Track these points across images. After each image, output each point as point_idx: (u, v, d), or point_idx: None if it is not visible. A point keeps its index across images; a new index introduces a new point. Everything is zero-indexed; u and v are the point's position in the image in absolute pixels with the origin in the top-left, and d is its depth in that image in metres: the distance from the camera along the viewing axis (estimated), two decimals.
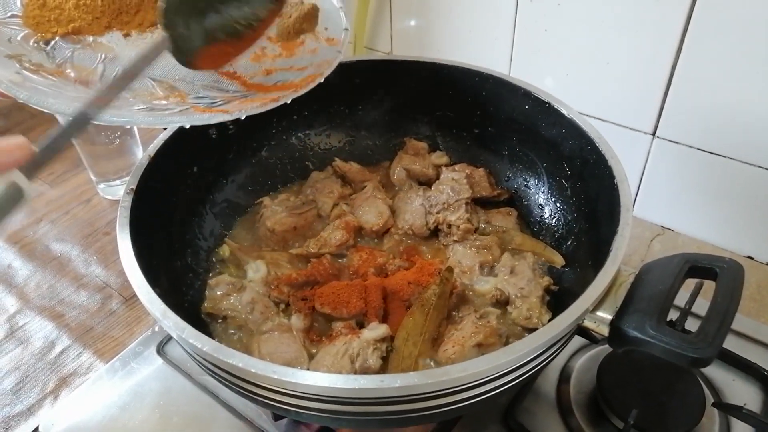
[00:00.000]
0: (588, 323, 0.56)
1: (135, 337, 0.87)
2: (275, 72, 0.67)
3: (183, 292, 0.73)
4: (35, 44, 0.63)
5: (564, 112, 0.76)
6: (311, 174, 0.90)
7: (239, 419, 0.73)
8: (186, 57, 0.60)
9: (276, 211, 0.81)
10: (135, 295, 0.57)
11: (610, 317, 0.55)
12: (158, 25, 0.64)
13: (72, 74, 0.60)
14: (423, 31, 1.09)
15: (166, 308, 0.55)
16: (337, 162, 0.90)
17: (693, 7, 0.79)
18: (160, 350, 0.82)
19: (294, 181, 0.92)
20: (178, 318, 0.54)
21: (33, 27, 0.64)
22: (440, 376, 0.48)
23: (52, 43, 0.63)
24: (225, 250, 0.80)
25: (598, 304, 0.56)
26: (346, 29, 0.71)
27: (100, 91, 0.52)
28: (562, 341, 0.55)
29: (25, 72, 0.58)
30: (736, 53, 0.79)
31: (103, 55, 0.64)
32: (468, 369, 0.49)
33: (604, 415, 0.70)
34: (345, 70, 0.86)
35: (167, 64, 0.64)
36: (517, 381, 0.54)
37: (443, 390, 0.49)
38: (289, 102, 0.62)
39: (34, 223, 1.10)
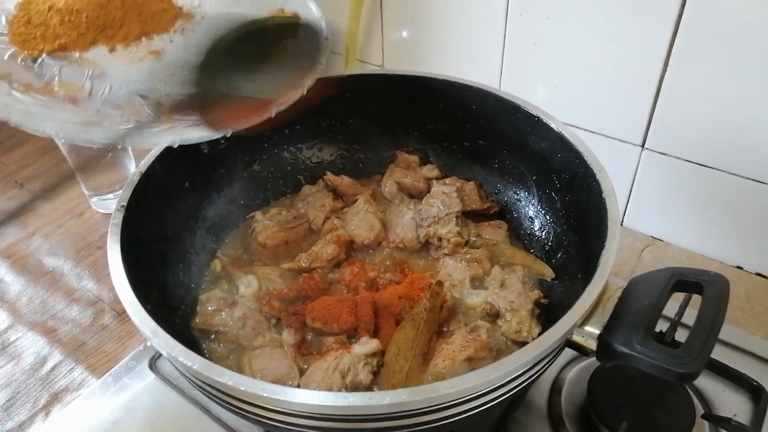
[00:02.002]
0: (576, 338, 0.56)
1: (127, 351, 0.87)
2: None
3: (174, 307, 0.73)
4: (23, 62, 0.63)
5: (552, 125, 0.77)
6: (303, 187, 0.90)
7: None
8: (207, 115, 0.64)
9: (267, 226, 0.81)
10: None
11: (598, 332, 0.55)
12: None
13: (60, 92, 0.61)
14: (414, 43, 1.10)
15: (156, 326, 0.55)
16: (329, 176, 0.90)
17: (679, 21, 0.80)
18: (153, 365, 0.82)
19: (286, 195, 0.93)
20: (169, 336, 0.54)
21: (20, 44, 0.64)
22: (429, 392, 0.48)
23: (40, 60, 0.64)
24: (217, 265, 0.81)
25: (586, 319, 0.56)
26: (327, 39, 0.71)
27: None
28: (551, 356, 0.55)
29: (15, 93, 0.58)
30: (722, 66, 0.80)
31: (90, 72, 0.64)
32: (457, 385, 0.49)
33: (595, 426, 0.71)
34: (337, 83, 0.88)
35: (154, 79, 0.64)
36: (507, 396, 0.55)
37: (433, 406, 0.49)
38: (273, 115, 0.63)
39: (27, 237, 1.10)
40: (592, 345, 0.56)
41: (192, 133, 0.60)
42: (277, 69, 0.69)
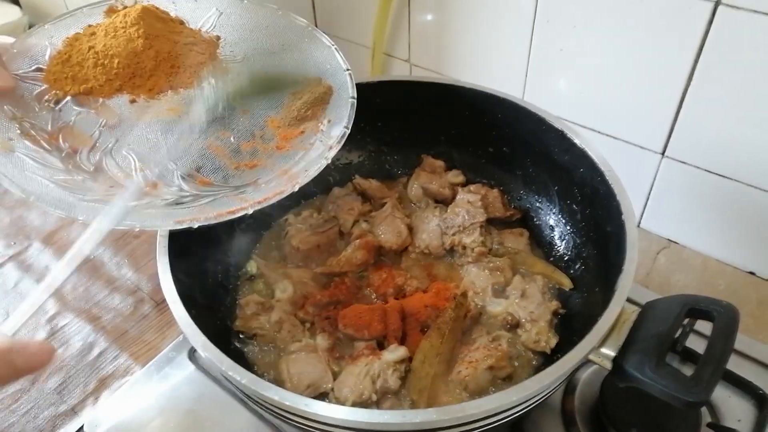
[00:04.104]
0: (593, 357, 0.61)
1: (167, 341, 0.93)
2: (259, 166, 0.65)
3: (215, 309, 0.79)
4: (46, 103, 0.65)
5: (576, 141, 0.79)
6: (333, 190, 0.94)
7: (269, 428, 0.79)
8: None
9: (300, 230, 0.86)
10: (165, 300, 0.63)
11: (613, 354, 0.59)
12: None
13: (64, 144, 0.62)
14: (440, 41, 1.11)
15: (206, 340, 0.60)
16: (358, 179, 0.94)
17: (706, 37, 0.81)
18: (192, 356, 0.88)
19: (316, 195, 0.96)
20: (218, 350, 0.59)
21: (51, 83, 0.65)
22: (456, 412, 0.53)
23: (63, 102, 0.65)
24: (252, 266, 0.85)
25: (603, 341, 0.60)
26: (346, 128, 0.66)
27: None
28: (569, 376, 0.60)
29: (18, 137, 0.60)
30: (745, 83, 0.81)
31: (104, 121, 0.65)
32: (482, 406, 0.54)
33: (605, 429, 0.76)
34: (367, 90, 0.90)
35: (147, 145, 0.64)
36: (524, 410, 0.60)
37: (459, 424, 0.54)
38: (250, 212, 0.60)
39: (68, 225, 1.15)
40: (607, 365, 0.60)
41: (156, 221, 0.58)
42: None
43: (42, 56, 0.68)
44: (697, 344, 0.73)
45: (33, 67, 0.68)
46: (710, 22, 0.80)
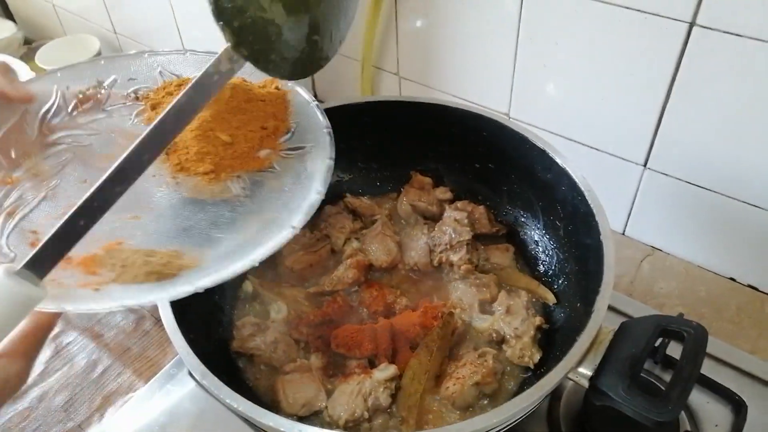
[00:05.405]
0: (571, 376, 0.64)
1: (168, 357, 0.96)
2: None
3: (213, 329, 0.82)
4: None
5: (558, 160, 0.82)
6: (324, 208, 0.96)
7: None
8: None
9: (293, 249, 0.89)
10: None
11: (589, 373, 0.63)
12: None
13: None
14: (428, 56, 1.13)
15: (205, 369, 0.63)
16: (349, 198, 0.96)
17: (683, 54, 0.84)
18: (192, 373, 0.91)
19: None
20: (216, 379, 0.62)
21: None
22: None
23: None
24: (248, 286, 0.88)
25: (580, 360, 0.63)
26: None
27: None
28: (547, 396, 0.63)
29: None
30: (721, 98, 0.84)
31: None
32: (464, 429, 0.57)
33: None
34: (355, 109, 0.94)
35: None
36: (506, 428, 0.63)
37: None
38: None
39: None
40: (585, 383, 0.63)
41: None
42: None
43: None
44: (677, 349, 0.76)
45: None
46: (686, 41, 0.82)
